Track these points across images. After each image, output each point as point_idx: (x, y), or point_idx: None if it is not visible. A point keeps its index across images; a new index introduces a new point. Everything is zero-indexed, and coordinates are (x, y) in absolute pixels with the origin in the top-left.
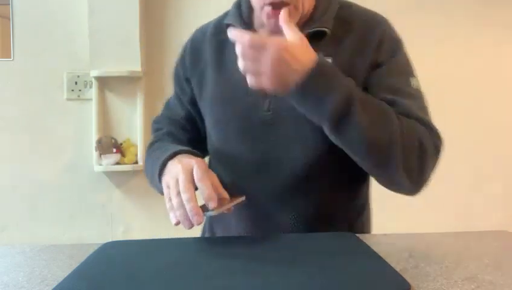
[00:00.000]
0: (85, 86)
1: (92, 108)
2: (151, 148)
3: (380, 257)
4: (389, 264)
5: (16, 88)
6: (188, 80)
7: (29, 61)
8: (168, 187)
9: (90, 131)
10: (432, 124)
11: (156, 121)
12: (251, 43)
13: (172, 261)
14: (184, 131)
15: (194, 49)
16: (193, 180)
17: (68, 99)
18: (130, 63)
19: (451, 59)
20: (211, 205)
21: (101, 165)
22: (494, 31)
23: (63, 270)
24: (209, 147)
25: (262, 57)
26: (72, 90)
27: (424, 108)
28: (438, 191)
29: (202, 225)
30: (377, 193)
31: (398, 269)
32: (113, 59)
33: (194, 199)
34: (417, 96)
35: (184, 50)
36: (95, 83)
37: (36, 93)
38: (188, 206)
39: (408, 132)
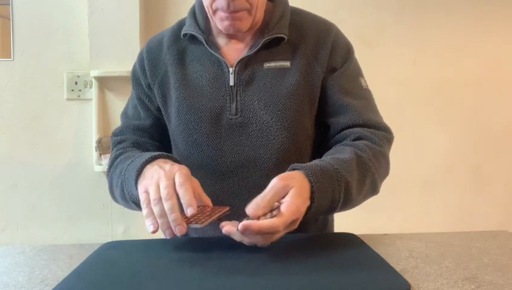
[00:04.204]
0: (85, 86)
1: (92, 108)
2: (116, 160)
3: (380, 257)
4: (389, 264)
5: (16, 88)
6: (151, 88)
7: (29, 61)
8: (147, 192)
9: (90, 131)
10: (382, 122)
11: (117, 133)
12: (261, 230)
13: (172, 261)
14: (152, 140)
15: (151, 58)
16: (175, 186)
17: (68, 99)
18: (130, 63)
19: (450, 59)
20: (189, 211)
21: (101, 165)
22: (494, 31)
23: (63, 270)
24: (175, 154)
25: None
26: (72, 90)
27: (373, 107)
28: (438, 191)
29: None
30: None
31: (398, 269)
32: (113, 59)
33: (177, 208)
34: (366, 96)
35: (141, 60)
36: (95, 83)
37: (36, 93)
38: (171, 217)
39: (377, 160)
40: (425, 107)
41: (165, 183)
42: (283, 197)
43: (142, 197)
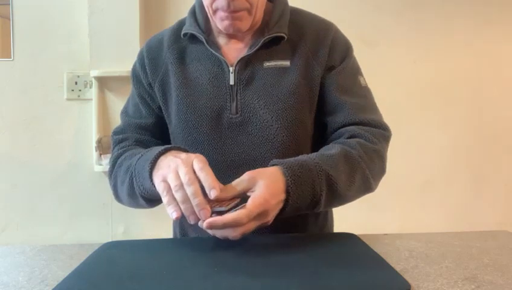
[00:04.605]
0: (85, 86)
1: (92, 108)
2: (119, 159)
3: (380, 257)
4: (389, 264)
5: (16, 88)
6: (152, 87)
7: (29, 61)
8: (165, 181)
9: (90, 131)
10: (379, 120)
11: (118, 132)
12: (227, 223)
13: (172, 261)
14: (153, 138)
15: (152, 57)
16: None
17: (68, 99)
18: (130, 63)
19: (451, 59)
20: (213, 193)
21: (101, 165)
22: (494, 30)
23: (63, 270)
24: None
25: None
26: (72, 90)
27: (371, 106)
28: (438, 191)
29: (171, 225)
30: (377, 193)
31: (398, 269)
32: (113, 59)
33: (200, 192)
34: (365, 94)
35: (141, 59)
36: (95, 83)
37: (36, 93)
38: (195, 201)
39: (370, 157)
40: (425, 107)
41: (184, 169)
42: (253, 191)
43: (160, 187)
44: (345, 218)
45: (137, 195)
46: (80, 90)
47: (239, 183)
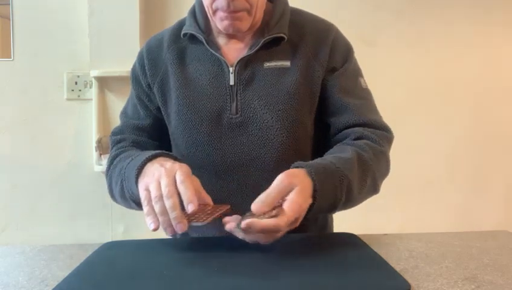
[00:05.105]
0: (85, 86)
1: (92, 108)
2: (115, 159)
3: (380, 257)
4: (389, 264)
5: (16, 88)
6: (151, 88)
7: (29, 61)
8: (147, 190)
9: (90, 131)
10: (382, 122)
11: (116, 133)
12: (263, 229)
13: (172, 261)
14: (151, 139)
15: (151, 58)
16: (176, 184)
17: (68, 99)
18: (130, 63)
19: (451, 59)
20: (190, 207)
21: (101, 165)
22: (494, 30)
23: (63, 270)
24: (176, 153)
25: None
26: (72, 90)
27: (373, 107)
28: (438, 191)
29: None
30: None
31: (398, 269)
32: (113, 59)
33: (178, 206)
34: (366, 95)
35: (141, 59)
36: (95, 83)
37: (36, 93)
38: (172, 214)
39: (378, 159)
40: (425, 107)
41: (166, 181)
42: (286, 195)
43: (142, 195)
44: (345, 218)
45: (127, 198)
46: (80, 90)
47: (281, 189)
